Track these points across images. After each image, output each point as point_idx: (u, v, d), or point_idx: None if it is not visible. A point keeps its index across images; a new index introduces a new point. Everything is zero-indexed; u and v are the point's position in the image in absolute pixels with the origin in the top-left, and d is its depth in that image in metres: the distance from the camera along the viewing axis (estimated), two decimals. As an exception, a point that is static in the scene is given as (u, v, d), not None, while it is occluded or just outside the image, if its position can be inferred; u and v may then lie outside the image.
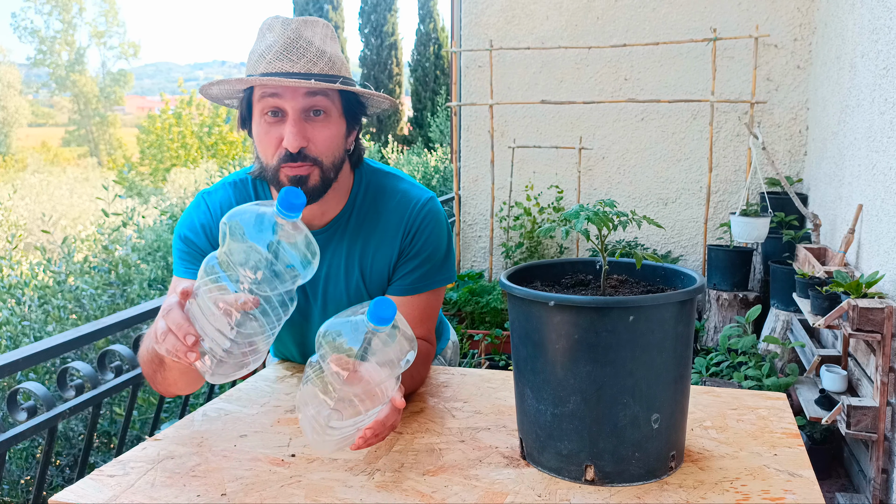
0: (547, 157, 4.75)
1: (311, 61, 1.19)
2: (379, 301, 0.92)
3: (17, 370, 1.52)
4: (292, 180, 1.21)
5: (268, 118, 1.20)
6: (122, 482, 1.00)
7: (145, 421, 2.92)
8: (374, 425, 0.97)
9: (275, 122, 1.20)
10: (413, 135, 14.63)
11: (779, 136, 4.30)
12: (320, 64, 1.20)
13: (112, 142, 36.42)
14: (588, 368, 0.93)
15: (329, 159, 1.23)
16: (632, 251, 1.07)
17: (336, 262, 1.35)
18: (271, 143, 1.20)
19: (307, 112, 1.20)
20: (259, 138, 1.22)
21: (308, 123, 1.20)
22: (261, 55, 1.20)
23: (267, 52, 1.19)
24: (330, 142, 1.23)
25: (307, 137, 1.20)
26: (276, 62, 1.18)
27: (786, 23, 4.20)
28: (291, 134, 1.18)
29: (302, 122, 1.20)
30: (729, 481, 0.97)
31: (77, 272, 3.87)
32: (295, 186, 1.20)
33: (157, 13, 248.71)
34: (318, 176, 1.22)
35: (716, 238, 4.39)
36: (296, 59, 1.18)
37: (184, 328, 0.93)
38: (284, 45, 1.18)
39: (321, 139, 1.21)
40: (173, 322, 0.94)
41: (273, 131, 1.20)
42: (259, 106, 1.21)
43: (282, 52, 1.18)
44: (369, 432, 0.97)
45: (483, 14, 4.75)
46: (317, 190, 1.23)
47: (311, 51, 1.19)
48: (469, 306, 4.34)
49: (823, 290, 2.46)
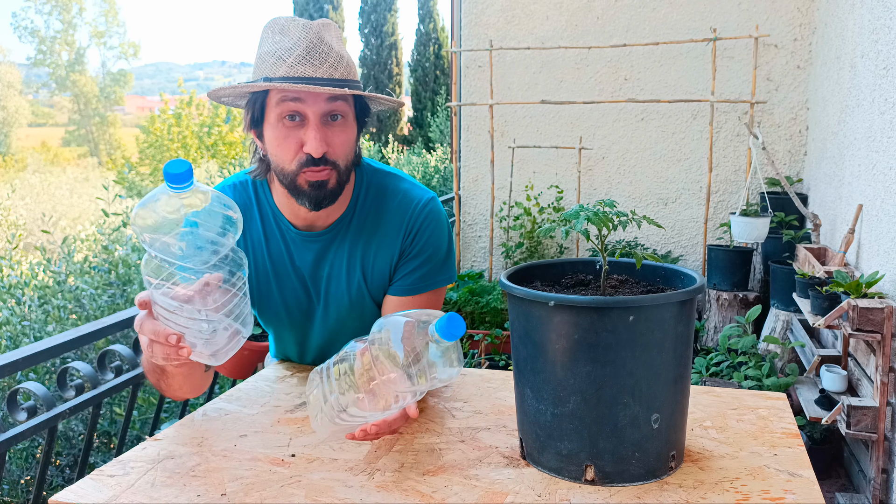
0: (547, 157, 4.75)
1: (332, 66, 1.19)
2: (452, 316, 0.91)
3: (17, 370, 1.52)
4: (312, 185, 1.21)
5: (286, 122, 1.20)
6: (122, 482, 1.00)
7: (145, 421, 2.92)
8: (380, 423, 0.97)
9: (294, 127, 1.20)
10: (413, 135, 14.63)
11: (779, 136, 4.30)
12: (340, 69, 1.20)
13: (112, 142, 36.42)
14: (588, 368, 0.93)
15: (344, 162, 1.24)
16: (632, 251, 1.07)
17: (338, 263, 1.35)
18: (290, 148, 1.20)
19: (326, 117, 1.21)
20: (277, 142, 1.21)
21: (327, 128, 1.21)
22: (279, 58, 1.18)
23: (287, 56, 1.18)
24: (347, 146, 1.24)
25: (327, 142, 1.20)
26: (298, 66, 1.17)
27: (786, 23, 4.20)
28: (315, 140, 1.18)
29: (323, 128, 1.20)
30: (729, 481, 0.97)
31: (77, 272, 3.87)
32: (315, 191, 1.22)
33: (157, 13, 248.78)
34: (335, 179, 1.23)
35: (716, 238, 4.39)
36: (318, 63, 1.18)
37: (161, 333, 0.96)
38: (307, 49, 1.18)
39: (339, 143, 1.22)
40: (150, 332, 0.96)
41: (292, 135, 1.20)
42: (277, 109, 1.20)
43: (304, 57, 1.17)
44: (373, 429, 0.97)
45: (483, 14, 4.75)
46: (335, 193, 1.24)
47: (332, 56, 1.19)
48: (469, 306, 4.34)
49: (823, 290, 2.46)
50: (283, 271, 1.35)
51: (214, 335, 0.98)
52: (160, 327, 0.96)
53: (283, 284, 1.36)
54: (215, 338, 0.98)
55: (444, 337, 0.90)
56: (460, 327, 0.90)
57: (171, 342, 0.95)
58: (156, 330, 0.96)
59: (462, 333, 0.90)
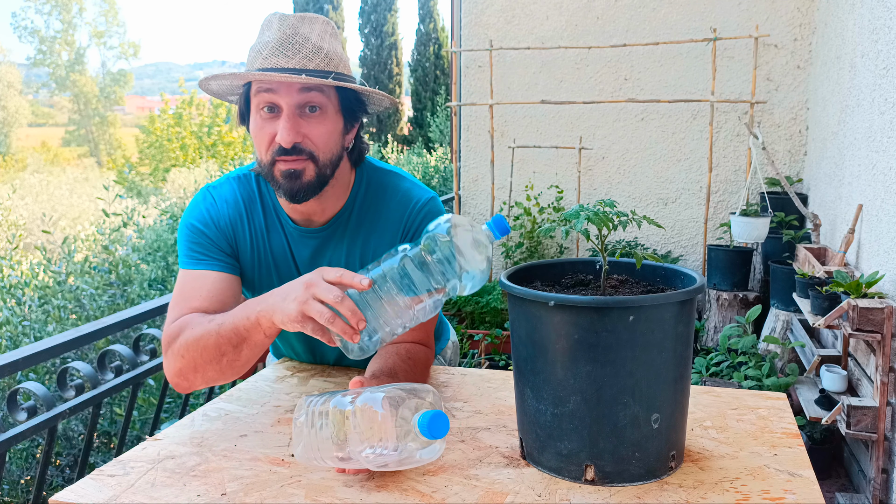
0: (547, 157, 4.75)
1: (306, 57, 1.19)
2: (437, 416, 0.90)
3: (17, 370, 1.52)
4: (285, 174, 1.21)
5: (263, 114, 1.21)
6: (122, 482, 1.00)
7: (145, 421, 2.92)
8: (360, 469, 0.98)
9: (269, 118, 1.21)
10: (413, 135, 14.64)
11: (779, 136, 4.30)
12: (315, 60, 1.20)
13: (112, 142, 36.40)
14: (588, 368, 0.93)
15: (325, 155, 1.23)
16: (632, 251, 1.07)
17: (336, 259, 1.35)
18: (265, 139, 1.21)
19: (302, 108, 1.20)
20: (254, 133, 1.23)
21: (303, 119, 1.21)
22: (258, 51, 1.20)
23: (263, 48, 1.19)
24: (326, 137, 1.23)
25: (301, 133, 1.20)
26: (271, 58, 1.18)
27: (786, 23, 4.20)
28: (284, 129, 1.18)
29: (296, 118, 1.20)
30: (729, 481, 0.97)
31: (77, 272, 3.87)
32: (288, 181, 1.21)
33: (157, 13, 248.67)
34: (313, 171, 1.22)
35: (716, 238, 4.39)
36: (291, 54, 1.18)
37: (357, 315, 1.00)
38: (280, 40, 1.19)
39: (316, 134, 1.21)
40: (348, 309, 1.00)
41: (267, 127, 1.21)
42: (255, 101, 1.21)
43: (277, 48, 1.18)
44: (351, 472, 0.98)
45: (483, 14, 4.75)
46: (312, 185, 1.23)
47: (307, 47, 1.19)
48: (469, 306, 4.34)
49: (823, 290, 2.46)
50: (283, 265, 1.36)
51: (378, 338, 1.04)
52: (357, 309, 1.00)
53: (283, 278, 1.36)
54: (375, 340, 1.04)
55: (426, 435, 0.89)
56: (444, 427, 0.89)
57: (359, 326, 1.00)
58: (354, 310, 1.00)
59: (445, 434, 0.90)
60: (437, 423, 0.89)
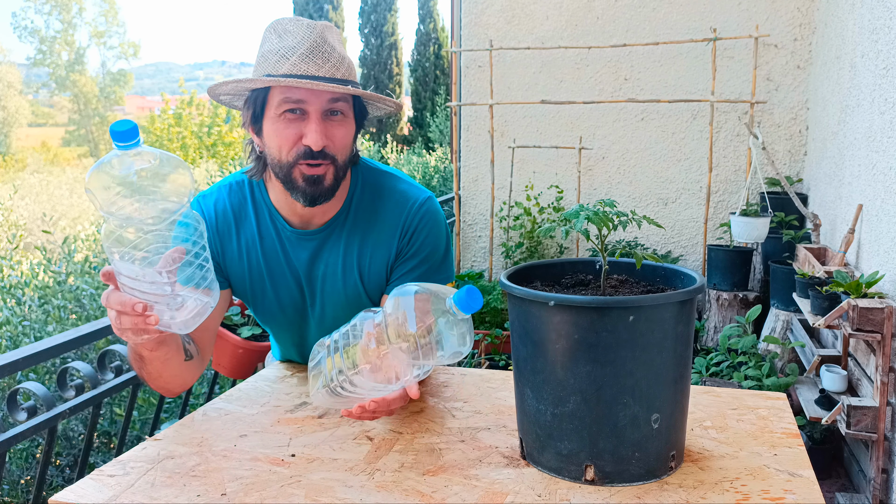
0: (547, 157, 4.75)
1: (334, 66, 1.22)
2: (470, 289, 0.92)
3: (17, 370, 1.52)
4: (308, 180, 1.23)
5: (287, 115, 1.22)
6: (122, 482, 1.00)
7: (145, 421, 2.91)
8: (379, 401, 0.99)
9: (294, 119, 1.22)
10: (413, 135, 14.64)
11: (779, 136, 4.30)
12: (342, 69, 1.23)
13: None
14: (588, 368, 0.93)
15: (342, 158, 1.26)
16: (632, 251, 1.07)
17: (333, 261, 1.35)
18: (289, 139, 1.22)
19: (326, 113, 1.23)
20: (276, 133, 1.23)
21: (327, 123, 1.23)
22: (283, 56, 1.21)
23: (290, 54, 1.20)
24: (345, 141, 1.26)
25: (327, 136, 1.23)
26: (301, 64, 1.20)
27: (786, 23, 4.20)
28: (316, 132, 1.20)
29: (323, 122, 1.23)
30: (729, 481, 0.97)
31: (77, 272, 3.87)
32: (311, 186, 1.23)
33: (157, 13, 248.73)
34: (332, 175, 1.25)
35: (716, 238, 4.39)
36: (321, 62, 1.20)
37: (128, 302, 0.95)
38: (310, 48, 1.20)
39: (339, 138, 1.25)
40: (117, 303, 0.96)
41: (293, 127, 1.22)
42: (279, 106, 1.22)
43: (307, 55, 1.20)
44: (372, 405, 0.99)
45: (483, 14, 4.75)
46: (331, 188, 1.26)
47: (334, 56, 1.22)
48: (469, 306, 4.33)
49: (823, 290, 2.46)
50: (277, 270, 1.36)
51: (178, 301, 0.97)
52: (126, 298, 0.95)
53: (277, 283, 1.36)
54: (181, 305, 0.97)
55: (462, 309, 0.90)
56: (478, 300, 0.91)
57: (137, 311, 0.94)
58: (122, 301, 0.95)
59: (479, 307, 0.90)
60: (472, 295, 0.91)
